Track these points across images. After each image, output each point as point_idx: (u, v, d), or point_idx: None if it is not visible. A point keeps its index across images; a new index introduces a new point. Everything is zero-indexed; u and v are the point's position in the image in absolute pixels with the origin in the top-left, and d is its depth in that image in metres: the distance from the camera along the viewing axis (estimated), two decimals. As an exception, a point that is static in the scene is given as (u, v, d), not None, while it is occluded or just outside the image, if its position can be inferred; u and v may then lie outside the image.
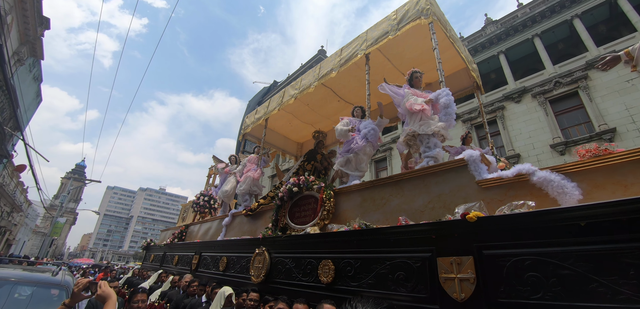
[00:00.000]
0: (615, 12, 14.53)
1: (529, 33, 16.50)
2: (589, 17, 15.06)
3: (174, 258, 7.02)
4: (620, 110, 12.48)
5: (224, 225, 5.86)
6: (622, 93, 12.65)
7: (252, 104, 34.34)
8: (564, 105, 14.38)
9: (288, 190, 4.09)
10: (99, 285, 2.02)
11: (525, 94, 15.16)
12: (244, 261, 4.45)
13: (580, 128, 13.62)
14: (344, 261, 3.02)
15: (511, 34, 17.19)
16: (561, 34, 16.31)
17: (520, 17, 17.06)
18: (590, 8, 14.85)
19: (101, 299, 1.97)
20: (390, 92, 3.59)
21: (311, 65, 27.40)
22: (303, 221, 3.89)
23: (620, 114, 12.44)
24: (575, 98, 14.05)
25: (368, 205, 3.36)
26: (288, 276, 3.57)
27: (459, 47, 4.08)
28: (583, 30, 14.58)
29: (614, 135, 12.26)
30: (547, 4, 16.14)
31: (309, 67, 27.42)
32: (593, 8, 14.74)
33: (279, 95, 5.97)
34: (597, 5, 14.62)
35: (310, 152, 5.69)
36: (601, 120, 12.67)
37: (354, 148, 3.80)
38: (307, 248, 3.46)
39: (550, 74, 14.80)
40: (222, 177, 6.96)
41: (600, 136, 12.41)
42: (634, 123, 12.17)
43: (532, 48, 16.44)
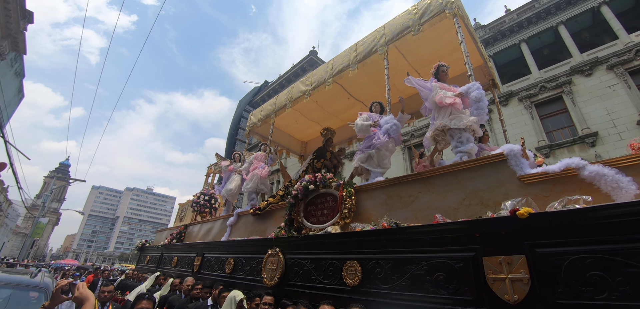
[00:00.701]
0: (598, 20, 14.97)
1: (516, 38, 16.82)
2: (573, 23, 15.48)
3: (173, 260, 6.62)
4: (602, 115, 12.81)
5: (228, 225, 5.54)
6: (604, 98, 13.01)
7: (243, 104, 33.76)
8: (549, 109, 14.69)
9: (303, 187, 3.84)
10: (77, 287, 1.90)
11: (512, 98, 15.39)
12: (254, 262, 4.15)
13: (564, 132, 13.92)
14: (373, 262, 2.80)
15: (499, 38, 17.48)
16: (547, 40, 16.70)
17: (508, 22, 17.38)
18: (574, 15, 15.27)
19: (78, 301, 1.86)
20: (417, 85, 3.41)
21: (302, 65, 27.07)
22: (320, 220, 3.64)
23: (602, 118, 12.78)
24: (559, 102, 14.37)
25: (394, 202, 3.15)
26: (306, 278, 3.31)
27: (478, 43, 3.93)
28: (567, 36, 14.97)
29: (596, 139, 12.56)
30: (533, 10, 16.50)
31: (301, 68, 27.05)
32: (577, 15, 15.16)
33: (288, 91, 5.71)
34: (581, 13, 15.05)
35: (320, 149, 5.45)
36: (584, 124, 12.97)
37: (376, 143, 3.59)
38: (328, 249, 3.22)
39: (536, 79, 15.11)
40: (226, 175, 6.61)
41: (583, 139, 12.70)
42: (614, 127, 12.51)
43: (519, 53, 16.78)
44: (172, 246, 7.07)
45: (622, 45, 13.14)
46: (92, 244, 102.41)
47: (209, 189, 7.75)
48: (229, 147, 29.37)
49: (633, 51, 12.79)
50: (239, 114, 32.74)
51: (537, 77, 15.20)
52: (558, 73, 14.53)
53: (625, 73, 12.90)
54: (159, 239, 8.96)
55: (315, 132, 7.19)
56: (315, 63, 26.15)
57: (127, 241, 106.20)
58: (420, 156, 4.79)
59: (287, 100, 5.56)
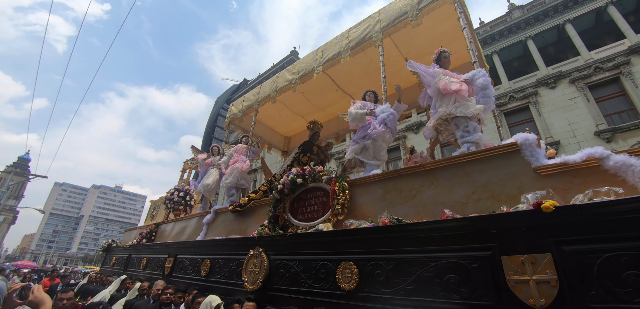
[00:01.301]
0: (562, 36, 15.82)
1: (488, 50, 17.41)
2: (540, 39, 16.27)
3: (142, 261, 5.90)
4: (564, 125, 13.42)
5: (204, 223, 4.97)
6: (566, 109, 13.70)
7: (220, 101, 32.52)
8: (517, 118, 15.25)
9: (290, 181, 3.42)
10: (31, 290, 1.82)
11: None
12: (233, 264, 3.66)
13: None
14: (372, 263, 2.44)
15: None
16: (516, 53, 17.43)
17: (482, 34, 17.97)
18: (541, 31, 16.04)
19: (33, 305, 1.77)
20: (420, 70, 3.11)
21: (282, 65, 26.56)
22: (309, 217, 3.24)
23: (564, 128, 13.40)
24: (526, 112, 14.94)
25: (392, 197, 2.82)
26: (294, 281, 2.89)
27: (475, 38, 3.73)
28: (535, 51, 15.68)
29: (559, 147, 13.12)
30: (505, 24, 17.17)
31: (281, 67, 26.49)
32: (544, 31, 15.92)
33: (273, 80, 5.25)
34: (547, 29, 15.83)
35: (306, 143, 5.05)
36: (548, 133, 13.54)
37: (371, 134, 3.25)
38: (320, 249, 2.83)
39: (505, 89, 15.66)
40: (203, 169, 6.00)
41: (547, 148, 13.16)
42: (574, 137, 13.17)
43: (491, 63, 17.38)
44: (141, 247, 6.33)
45: (583, 61, 13.92)
46: (52, 245, 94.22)
47: (185, 185, 7.06)
48: (205, 145, 28.04)
49: (592, 67, 13.58)
50: (216, 112, 31.47)
51: (507, 87, 15.76)
52: (525, 84, 15.14)
53: (585, 88, 13.66)
54: (127, 239, 8.09)
55: (300, 126, 6.77)
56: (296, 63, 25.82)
57: (92, 242, 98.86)
58: (410, 151, 4.52)
59: (272, 90, 5.11)
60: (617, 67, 13.18)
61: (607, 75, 13.41)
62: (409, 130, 16.57)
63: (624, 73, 13.05)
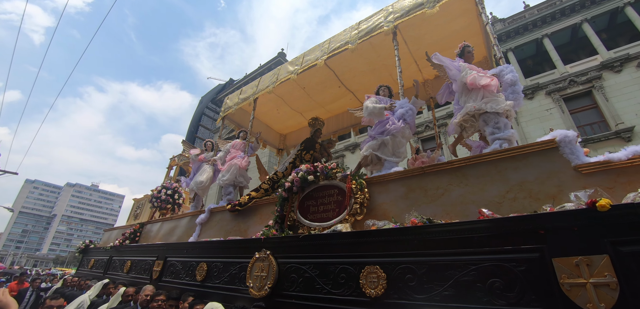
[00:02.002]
0: (540, 50, 16.33)
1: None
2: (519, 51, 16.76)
3: (125, 264, 5.35)
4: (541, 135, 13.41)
5: (198, 223, 4.55)
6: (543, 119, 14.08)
7: (205, 100, 31.46)
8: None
9: (301, 178, 3.12)
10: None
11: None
12: (234, 268, 3.30)
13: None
14: (401, 267, 2.19)
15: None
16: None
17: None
18: (520, 44, 16.52)
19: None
20: (446, 63, 2.92)
21: (270, 66, 25.94)
22: (322, 217, 2.95)
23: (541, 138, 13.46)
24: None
25: (417, 196, 2.59)
26: (308, 287, 2.59)
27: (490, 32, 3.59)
28: (514, 62, 16.14)
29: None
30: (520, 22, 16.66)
31: (268, 68, 25.87)
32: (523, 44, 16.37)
33: (273, 73, 4.92)
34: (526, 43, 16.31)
35: (308, 140, 4.76)
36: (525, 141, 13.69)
37: (390, 129, 3.03)
38: (339, 251, 2.55)
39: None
40: (196, 166, 5.55)
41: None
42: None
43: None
44: (124, 248, 5.76)
45: (559, 74, 14.50)
46: (21, 245, 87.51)
47: (172, 182, 6.54)
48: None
49: (567, 80, 14.16)
50: (201, 111, 30.37)
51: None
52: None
53: (560, 99, 14.20)
54: (107, 240, 7.42)
55: (297, 124, 6.46)
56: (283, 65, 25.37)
57: (65, 243, 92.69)
58: (416, 151, 4.34)
59: (272, 82, 4.77)
60: (590, 81, 13.77)
61: (580, 89, 13.89)
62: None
63: (596, 87, 13.66)
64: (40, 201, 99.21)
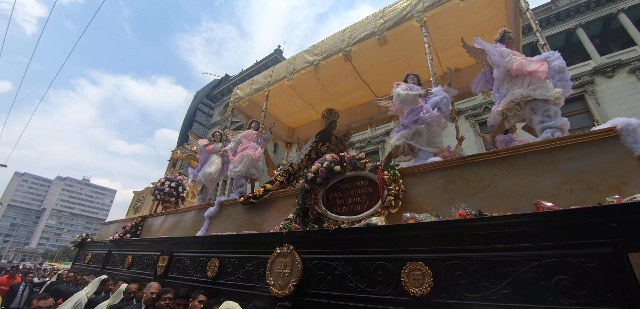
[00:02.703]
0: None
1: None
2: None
3: (126, 259, 5.02)
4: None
5: (206, 217, 4.26)
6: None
7: (200, 96, 30.76)
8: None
9: (326, 168, 2.87)
10: None
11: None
12: (251, 265, 3.04)
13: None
14: (449, 264, 1.98)
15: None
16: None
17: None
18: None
19: None
20: (488, 48, 2.72)
21: (266, 63, 25.52)
22: (351, 210, 2.72)
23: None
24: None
25: (457, 188, 2.38)
26: (339, 285, 2.36)
27: (531, 18, 3.33)
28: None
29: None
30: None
31: (264, 65, 25.39)
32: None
33: (289, 62, 4.65)
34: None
35: (323, 132, 4.52)
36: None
37: (426, 118, 2.81)
38: (374, 246, 2.33)
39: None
40: (203, 157, 5.24)
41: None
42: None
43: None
44: (125, 242, 5.42)
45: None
46: (9, 239, 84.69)
47: (176, 175, 6.21)
48: (181, 139, 26.26)
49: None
50: (195, 106, 29.68)
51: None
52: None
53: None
54: (105, 233, 7.03)
55: (307, 117, 6.20)
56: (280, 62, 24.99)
57: (54, 237, 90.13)
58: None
59: (288, 72, 4.51)
60: (583, 86, 13.85)
61: (573, 93, 13.85)
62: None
63: (588, 91, 13.74)
64: (29, 194, 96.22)
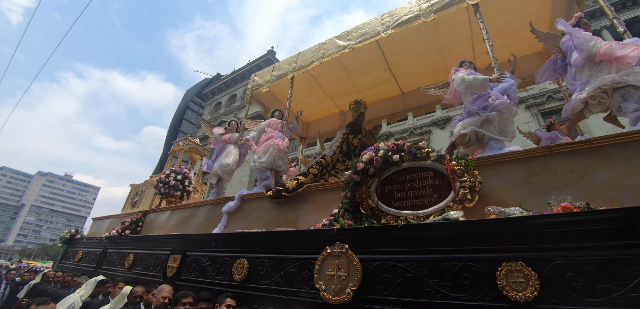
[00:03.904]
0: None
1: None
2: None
3: (127, 258, 4.43)
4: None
5: (224, 212, 3.79)
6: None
7: (190, 94, 29.61)
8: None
9: (382, 157, 2.49)
10: None
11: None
12: (292, 266, 2.61)
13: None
14: (556, 264, 1.68)
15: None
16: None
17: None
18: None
19: None
20: (572, 30, 2.45)
21: (259, 64, 24.87)
22: (414, 204, 2.37)
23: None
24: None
25: (543, 180, 2.07)
26: (413, 290, 1.99)
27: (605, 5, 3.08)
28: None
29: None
30: None
31: (257, 66, 24.67)
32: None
33: (316, 47, 4.26)
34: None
35: (354, 123, 4.16)
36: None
37: (496, 104, 2.50)
38: (453, 244, 1.97)
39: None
40: (219, 147, 4.73)
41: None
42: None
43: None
44: (124, 239, 4.82)
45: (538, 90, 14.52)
46: (-18, 236, 78.86)
47: (183, 167, 5.64)
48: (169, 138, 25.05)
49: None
50: (185, 104, 28.48)
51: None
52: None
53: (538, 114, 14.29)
54: (97, 230, 6.34)
55: (325, 110, 5.80)
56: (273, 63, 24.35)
57: (33, 234, 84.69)
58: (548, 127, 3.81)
59: (316, 57, 4.10)
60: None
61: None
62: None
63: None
64: (7, 189, 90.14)
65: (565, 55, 2.51)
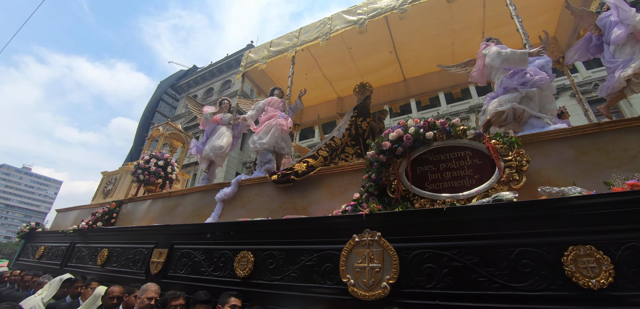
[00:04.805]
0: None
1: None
2: None
3: (100, 254, 3.79)
4: None
5: (219, 200, 3.31)
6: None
7: (164, 85, 27.48)
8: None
9: (413, 134, 2.19)
10: None
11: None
12: (309, 258, 2.25)
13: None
14: (630, 246, 1.45)
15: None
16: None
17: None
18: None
19: None
20: (621, 3, 2.28)
21: (237, 58, 23.48)
22: (451, 186, 2.10)
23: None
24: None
25: (593, 159, 1.90)
26: (461, 281, 1.73)
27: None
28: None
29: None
30: None
31: (235, 60, 23.37)
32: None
33: (321, 22, 3.85)
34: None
35: (361, 106, 3.83)
36: None
37: (536, 80, 2.29)
38: (507, 229, 1.73)
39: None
40: (209, 128, 4.16)
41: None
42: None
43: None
44: (96, 232, 4.13)
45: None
46: None
47: (164, 152, 4.97)
48: (140, 131, 23.04)
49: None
50: (159, 96, 26.36)
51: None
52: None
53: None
54: (62, 222, 5.47)
55: (321, 95, 5.42)
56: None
57: (-19, 231, 75.24)
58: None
59: (322, 33, 3.70)
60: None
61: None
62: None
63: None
64: (-50, 182, 78.97)
65: (602, 33, 2.39)
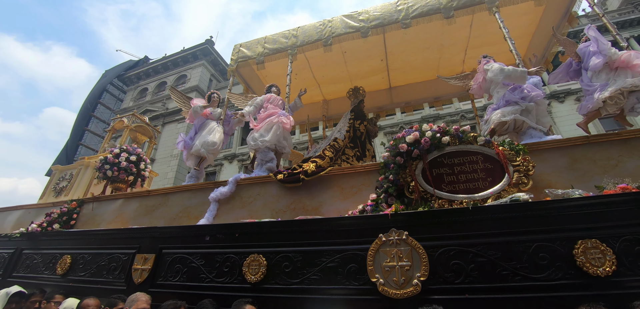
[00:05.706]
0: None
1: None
2: None
3: (61, 261, 3.18)
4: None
5: (213, 200, 3.03)
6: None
7: (110, 75, 24.05)
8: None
9: (431, 138, 2.26)
10: None
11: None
12: (331, 260, 2.17)
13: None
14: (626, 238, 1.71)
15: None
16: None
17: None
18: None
19: None
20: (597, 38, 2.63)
21: (195, 53, 21.79)
22: (467, 188, 2.21)
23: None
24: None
25: (584, 167, 2.18)
26: (487, 275, 1.85)
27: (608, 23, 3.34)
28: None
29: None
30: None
31: (193, 55, 21.67)
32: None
33: (321, 24, 3.75)
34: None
35: (357, 109, 3.82)
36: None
37: (534, 96, 2.53)
38: (523, 226, 1.89)
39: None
40: (198, 122, 3.73)
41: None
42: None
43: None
44: (53, 236, 3.44)
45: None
46: None
47: (136, 147, 4.35)
48: (79, 123, 19.84)
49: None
50: (103, 86, 22.87)
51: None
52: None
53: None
54: (3, 224, 4.43)
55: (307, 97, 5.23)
56: (210, 54, 21.88)
57: None
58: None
59: (323, 36, 3.61)
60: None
61: None
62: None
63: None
64: None
65: (581, 59, 2.76)
